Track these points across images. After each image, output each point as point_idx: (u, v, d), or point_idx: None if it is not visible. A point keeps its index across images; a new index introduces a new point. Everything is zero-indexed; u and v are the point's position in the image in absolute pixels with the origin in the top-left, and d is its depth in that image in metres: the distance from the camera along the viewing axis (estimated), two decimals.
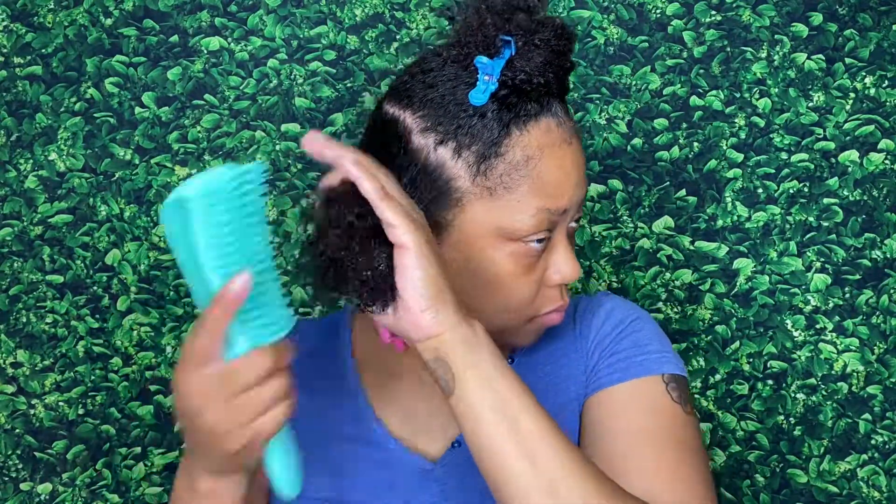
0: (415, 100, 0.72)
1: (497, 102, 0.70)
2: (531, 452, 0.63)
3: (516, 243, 0.72)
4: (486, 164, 0.70)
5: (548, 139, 0.72)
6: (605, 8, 1.24)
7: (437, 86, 0.71)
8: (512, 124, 0.71)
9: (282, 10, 1.25)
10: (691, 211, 1.24)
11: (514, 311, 0.75)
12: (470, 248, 0.72)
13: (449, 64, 0.72)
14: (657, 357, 0.80)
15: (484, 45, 0.70)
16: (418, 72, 0.73)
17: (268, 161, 1.24)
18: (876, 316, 1.22)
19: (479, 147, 0.70)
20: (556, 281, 0.75)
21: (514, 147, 0.71)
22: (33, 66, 1.25)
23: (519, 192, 0.71)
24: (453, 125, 0.70)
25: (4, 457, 1.23)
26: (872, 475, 1.22)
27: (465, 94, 0.70)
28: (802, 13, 1.24)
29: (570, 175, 0.73)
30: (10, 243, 1.25)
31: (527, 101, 0.71)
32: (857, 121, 1.23)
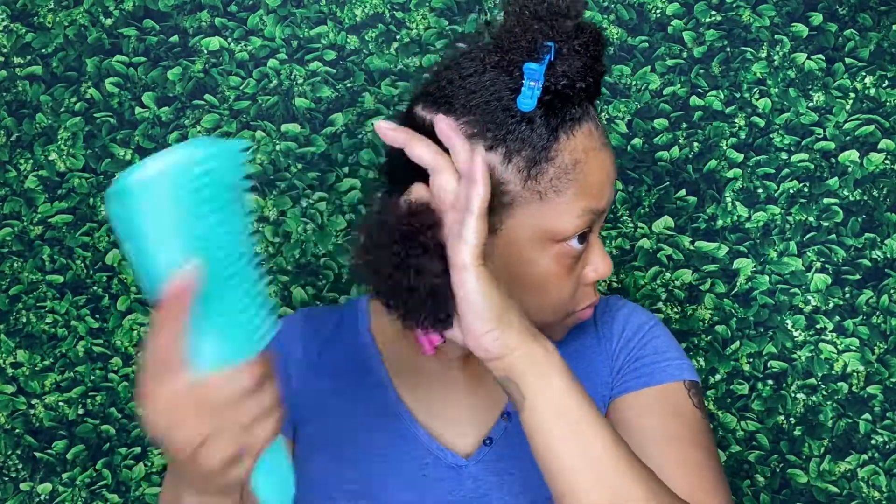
0: (456, 105, 0.72)
1: (543, 108, 0.71)
2: (600, 475, 0.64)
3: (560, 244, 0.74)
4: (537, 168, 0.71)
5: (591, 142, 0.73)
6: (605, 8, 1.24)
7: (479, 91, 0.72)
8: (559, 129, 0.72)
9: (282, 10, 1.25)
10: (691, 211, 1.24)
11: (555, 309, 0.77)
12: (517, 250, 0.73)
13: (489, 69, 0.72)
14: (678, 364, 0.84)
15: (528, 50, 0.70)
16: (456, 77, 0.73)
17: (252, 140, 1.24)
18: (876, 316, 1.22)
19: (529, 152, 0.71)
20: (592, 278, 0.78)
21: (563, 151, 0.72)
22: (33, 66, 1.25)
23: (567, 195, 0.72)
24: (502, 131, 0.71)
25: (4, 457, 1.23)
26: (872, 475, 1.22)
27: (511, 100, 0.71)
28: (802, 13, 1.24)
29: (610, 175, 0.75)
30: (10, 243, 1.25)
31: (569, 105, 0.72)
32: (857, 121, 1.23)
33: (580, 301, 0.78)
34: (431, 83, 0.75)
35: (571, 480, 0.64)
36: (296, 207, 1.24)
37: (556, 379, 0.65)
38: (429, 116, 0.73)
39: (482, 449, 0.81)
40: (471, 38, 0.76)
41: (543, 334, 0.78)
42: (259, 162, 1.25)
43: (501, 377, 0.66)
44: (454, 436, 0.82)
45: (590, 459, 0.64)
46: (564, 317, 0.78)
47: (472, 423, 0.82)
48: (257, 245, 0.59)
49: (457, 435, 0.82)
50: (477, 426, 0.82)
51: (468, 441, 0.82)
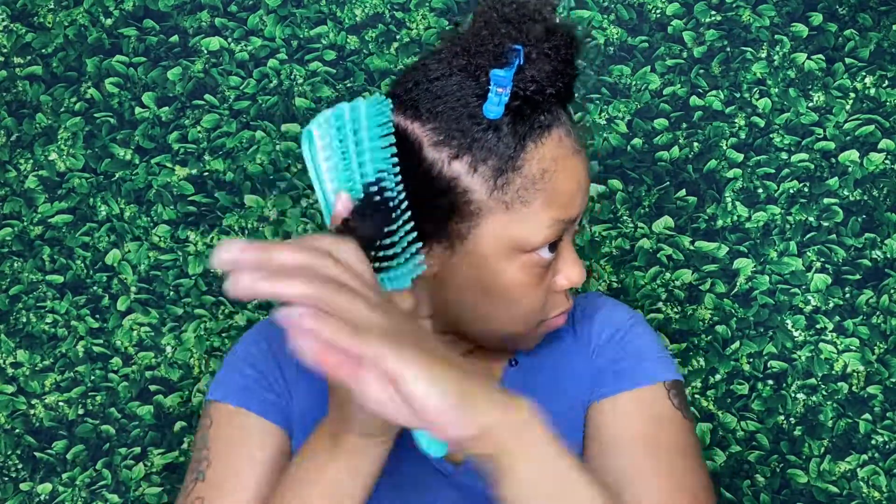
0: (422, 111, 0.70)
1: (510, 114, 0.69)
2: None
3: (528, 254, 0.72)
4: (504, 178, 0.69)
5: (560, 150, 0.71)
6: (605, 8, 1.24)
7: (445, 97, 0.70)
8: (527, 137, 0.70)
9: (282, 10, 1.25)
10: (691, 211, 1.24)
11: (525, 319, 0.75)
12: (483, 261, 0.72)
13: (456, 73, 0.70)
14: (658, 364, 0.81)
15: (495, 55, 0.69)
16: (423, 80, 0.71)
17: (384, 96, 1.24)
18: (876, 316, 1.22)
19: (496, 161, 0.69)
20: (563, 286, 0.76)
21: (531, 161, 0.70)
22: (33, 66, 1.25)
23: (535, 206, 0.70)
24: (467, 139, 0.69)
25: (4, 457, 1.23)
26: (872, 475, 1.22)
27: (477, 107, 0.69)
28: (802, 13, 1.24)
29: (581, 183, 0.73)
30: (10, 243, 1.25)
31: (539, 111, 0.70)
32: (857, 121, 1.23)
33: (551, 309, 0.76)
34: (399, 84, 0.73)
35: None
36: (296, 207, 1.24)
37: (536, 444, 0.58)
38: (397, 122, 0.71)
39: None
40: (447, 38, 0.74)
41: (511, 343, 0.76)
42: (259, 162, 1.25)
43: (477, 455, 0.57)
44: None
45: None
46: (536, 326, 0.76)
47: None
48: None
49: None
50: None
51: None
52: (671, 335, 1.24)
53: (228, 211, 1.25)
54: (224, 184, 1.24)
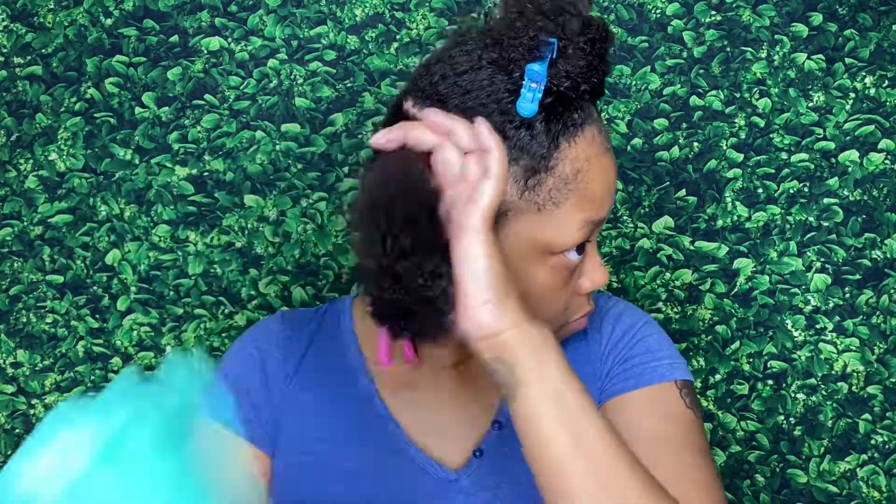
0: (450, 105, 0.67)
1: (543, 112, 0.66)
2: (594, 467, 0.60)
3: (556, 256, 0.69)
4: (536, 178, 0.67)
5: (593, 149, 0.69)
6: (605, 8, 1.24)
7: (474, 91, 0.66)
8: (560, 136, 0.67)
9: (282, 10, 1.25)
10: (691, 211, 1.24)
11: (549, 321, 0.72)
12: (511, 261, 0.68)
13: (486, 66, 0.67)
14: (669, 363, 0.80)
15: (528, 48, 0.65)
16: (450, 73, 0.68)
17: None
18: (876, 316, 1.22)
19: (528, 161, 0.67)
20: (587, 288, 0.74)
21: (564, 160, 0.67)
22: (33, 66, 1.25)
23: (566, 207, 0.68)
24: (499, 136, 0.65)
25: (4, 457, 1.23)
26: (872, 475, 1.22)
27: (509, 103, 0.66)
28: (802, 13, 1.24)
29: (611, 182, 0.71)
30: (10, 243, 1.25)
31: (572, 108, 0.67)
32: (857, 121, 1.23)
33: (574, 312, 0.75)
34: (422, 76, 0.70)
35: (564, 471, 0.60)
36: (296, 207, 1.24)
37: (553, 364, 0.61)
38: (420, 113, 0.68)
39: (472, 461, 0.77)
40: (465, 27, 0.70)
41: None
42: (259, 162, 1.24)
43: (492, 358, 0.61)
44: (444, 447, 0.78)
45: (584, 449, 0.60)
46: (558, 328, 0.75)
47: (463, 433, 0.78)
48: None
49: (446, 446, 0.78)
50: (467, 437, 0.78)
51: (458, 453, 0.78)
52: (671, 335, 1.23)
53: (228, 211, 1.25)
54: (224, 184, 1.24)
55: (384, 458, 0.77)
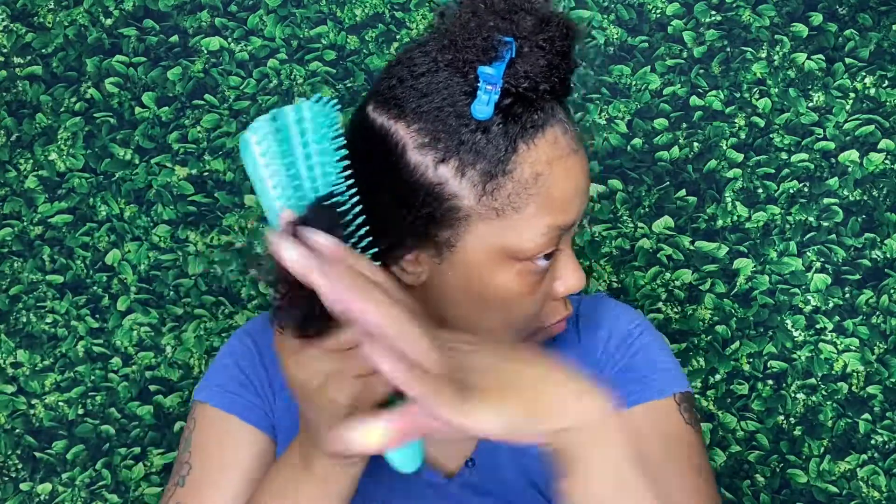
0: (407, 110, 0.65)
1: (501, 114, 0.64)
2: None
3: (523, 262, 0.67)
4: (493, 183, 0.65)
5: (555, 151, 0.66)
6: (605, 8, 1.24)
7: (431, 95, 0.65)
8: (518, 139, 0.65)
9: (282, 10, 1.25)
10: (691, 211, 1.24)
11: (520, 327, 0.71)
12: (474, 268, 0.67)
13: (442, 68, 0.65)
14: (669, 375, 0.78)
15: (483, 49, 0.63)
16: (407, 76, 0.66)
17: None
18: (876, 316, 1.22)
19: (485, 165, 0.64)
20: (562, 293, 0.71)
21: (523, 164, 0.65)
22: (33, 66, 1.25)
23: (527, 212, 0.65)
24: (454, 141, 0.64)
25: (4, 457, 1.23)
26: (872, 475, 1.22)
27: (466, 106, 0.64)
28: (802, 13, 1.24)
29: (579, 186, 0.68)
30: (10, 243, 1.25)
31: (532, 110, 0.65)
32: (857, 121, 1.23)
33: (549, 317, 0.72)
34: (383, 79, 0.68)
35: None
36: None
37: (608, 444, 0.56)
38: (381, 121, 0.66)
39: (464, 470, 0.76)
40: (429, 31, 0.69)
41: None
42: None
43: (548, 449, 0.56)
44: (437, 454, 0.77)
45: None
46: (533, 333, 0.72)
47: (456, 442, 0.77)
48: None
49: (440, 453, 0.77)
50: (460, 445, 0.77)
51: (451, 460, 0.77)
52: (671, 335, 1.24)
53: (228, 211, 1.25)
54: (224, 184, 1.24)
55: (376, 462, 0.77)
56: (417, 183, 0.65)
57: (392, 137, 0.66)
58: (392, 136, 0.66)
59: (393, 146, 0.66)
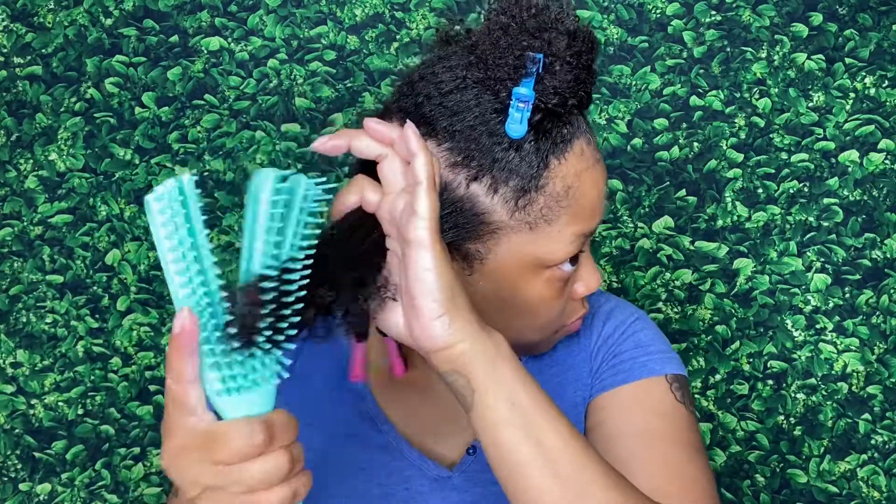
0: (437, 129, 0.66)
1: (532, 130, 0.65)
2: (556, 469, 0.60)
3: (550, 269, 0.69)
4: (526, 198, 0.66)
5: (583, 163, 0.68)
6: (605, 8, 1.24)
7: (462, 113, 0.65)
8: (550, 154, 0.66)
9: (282, 10, 1.25)
10: (691, 211, 1.24)
11: (543, 329, 0.73)
12: (504, 278, 0.69)
13: (471, 86, 0.66)
14: (659, 357, 0.80)
15: (514, 67, 0.64)
16: (435, 93, 0.67)
17: (200, 172, 1.24)
18: (876, 316, 1.22)
19: (518, 182, 0.66)
20: (582, 294, 0.74)
21: (555, 178, 0.66)
22: (33, 66, 1.25)
23: (559, 223, 0.67)
24: (487, 160, 0.65)
25: (4, 457, 1.23)
26: (872, 475, 1.22)
27: (498, 124, 0.65)
28: (802, 13, 1.24)
29: (602, 192, 0.70)
30: (10, 243, 1.25)
31: (560, 124, 0.67)
32: (857, 121, 1.23)
33: (569, 315, 0.75)
34: (406, 96, 0.69)
35: (526, 477, 0.59)
36: None
37: (507, 370, 0.60)
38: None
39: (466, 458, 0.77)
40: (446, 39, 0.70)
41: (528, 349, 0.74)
42: (259, 162, 1.24)
43: (447, 371, 0.60)
44: (438, 445, 0.78)
45: (546, 454, 0.59)
46: (553, 333, 0.75)
47: (456, 430, 0.78)
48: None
49: (440, 444, 0.78)
50: (461, 434, 0.78)
51: (452, 450, 0.78)
52: (671, 335, 1.24)
53: (228, 211, 1.25)
54: (224, 184, 1.24)
55: (378, 457, 0.78)
56: (448, 199, 0.66)
57: None
58: None
59: None
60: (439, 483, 0.76)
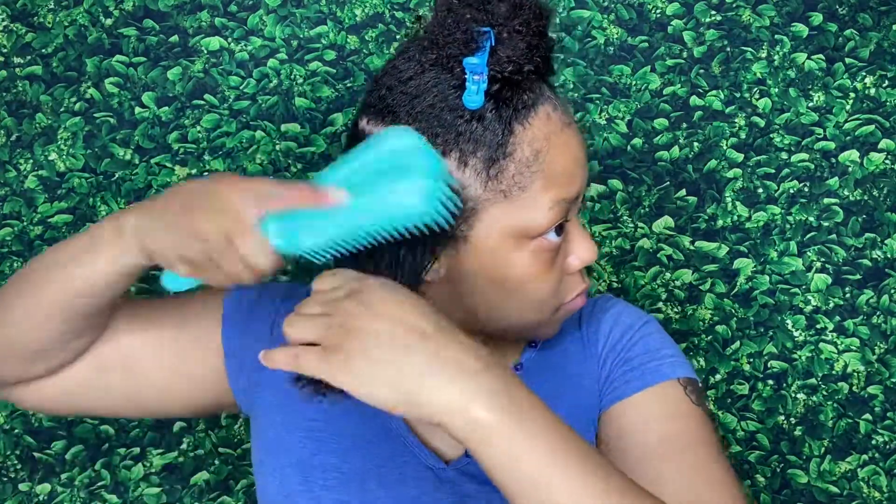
0: (401, 114, 0.68)
1: (492, 100, 0.67)
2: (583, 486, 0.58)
3: (536, 240, 0.69)
4: (496, 167, 0.67)
5: (550, 127, 0.69)
6: (605, 8, 1.24)
7: (421, 95, 0.67)
8: (513, 121, 0.67)
9: (282, 10, 1.25)
10: (691, 211, 1.24)
11: (541, 307, 0.73)
12: (490, 255, 0.69)
13: (428, 69, 0.68)
14: (671, 361, 0.79)
15: (464, 42, 0.66)
16: (395, 83, 0.69)
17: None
18: (876, 316, 1.22)
19: (485, 152, 0.67)
20: (576, 266, 0.73)
21: (521, 144, 0.67)
22: (33, 66, 1.25)
23: (533, 189, 0.68)
24: (452, 134, 0.67)
25: (3, 457, 1.23)
26: (873, 475, 1.22)
27: (457, 99, 0.67)
28: (802, 13, 1.24)
29: (578, 157, 0.70)
30: (10, 243, 1.25)
31: (520, 91, 0.68)
32: (857, 121, 1.23)
33: (568, 292, 0.74)
34: (372, 92, 0.71)
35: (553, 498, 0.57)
36: None
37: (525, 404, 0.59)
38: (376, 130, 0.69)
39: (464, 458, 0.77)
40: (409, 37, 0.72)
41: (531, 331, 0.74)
42: (259, 162, 1.25)
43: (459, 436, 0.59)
44: (440, 439, 0.78)
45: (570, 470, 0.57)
46: (553, 311, 0.74)
47: None
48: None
49: (443, 440, 0.78)
50: None
51: (452, 448, 0.78)
52: (671, 335, 1.23)
53: None
54: None
55: (378, 440, 0.78)
56: None
57: None
58: None
59: None
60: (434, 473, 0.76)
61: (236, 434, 1.23)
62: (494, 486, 0.74)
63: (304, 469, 0.77)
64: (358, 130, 0.72)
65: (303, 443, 0.78)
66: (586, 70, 1.24)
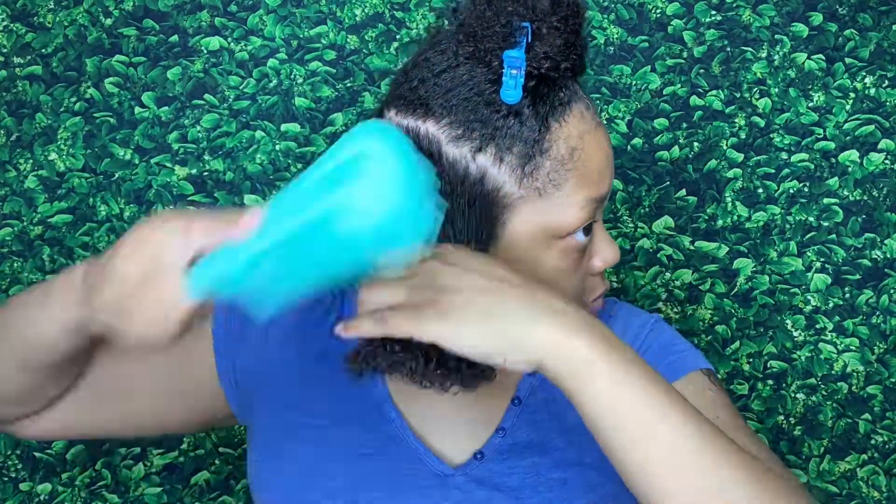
0: (434, 107, 0.67)
1: (528, 96, 0.66)
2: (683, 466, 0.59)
3: (564, 240, 0.69)
4: (532, 164, 0.66)
5: (584, 125, 0.68)
6: (605, 8, 1.24)
7: (456, 88, 0.66)
8: (550, 117, 0.67)
9: (282, 10, 1.25)
10: (691, 211, 1.24)
11: None
12: (520, 252, 0.69)
13: (463, 62, 0.67)
14: (690, 354, 0.79)
15: (503, 35, 0.65)
16: (428, 76, 0.68)
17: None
18: (876, 316, 1.22)
19: (522, 148, 0.66)
20: (600, 268, 0.73)
21: (557, 141, 0.67)
22: (33, 66, 1.25)
23: (567, 188, 0.68)
24: (489, 129, 0.66)
25: (4, 457, 1.23)
26: (872, 475, 1.22)
27: (493, 93, 0.66)
28: (802, 13, 1.24)
29: (608, 156, 0.70)
30: (10, 243, 1.25)
31: (556, 88, 0.67)
32: (857, 121, 1.23)
33: (590, 293, 0.74)
34: (401, 84, 0.70)
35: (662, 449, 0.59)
36: None
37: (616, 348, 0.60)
38: (407, 123, 0.68)
39: (472, 462, 0.76)
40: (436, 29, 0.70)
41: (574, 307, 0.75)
42: (259, 162, 1.25)
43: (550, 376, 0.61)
44: (446, 445, 0.77)
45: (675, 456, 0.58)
46: None
47: (466, 434, 0.77)
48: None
49: (448, 444, 0.77)
50: (470, 439, 0.77)
51: (459, 452, 0.77)
52: None
53: None
54: (224, 184, 1.24)
55: (383, 445, 0.77)
56: (459, 177, 0.66)
57: (423, 136, 0.67)
58: (423, 134, 0.67)
59: (426, 145, 0.67)
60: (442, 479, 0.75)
61: (236, 434, 1.23)
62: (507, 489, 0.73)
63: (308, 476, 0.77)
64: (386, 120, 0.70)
65: (306, 450, 0.77)
66: (586, 70, 1.24)
